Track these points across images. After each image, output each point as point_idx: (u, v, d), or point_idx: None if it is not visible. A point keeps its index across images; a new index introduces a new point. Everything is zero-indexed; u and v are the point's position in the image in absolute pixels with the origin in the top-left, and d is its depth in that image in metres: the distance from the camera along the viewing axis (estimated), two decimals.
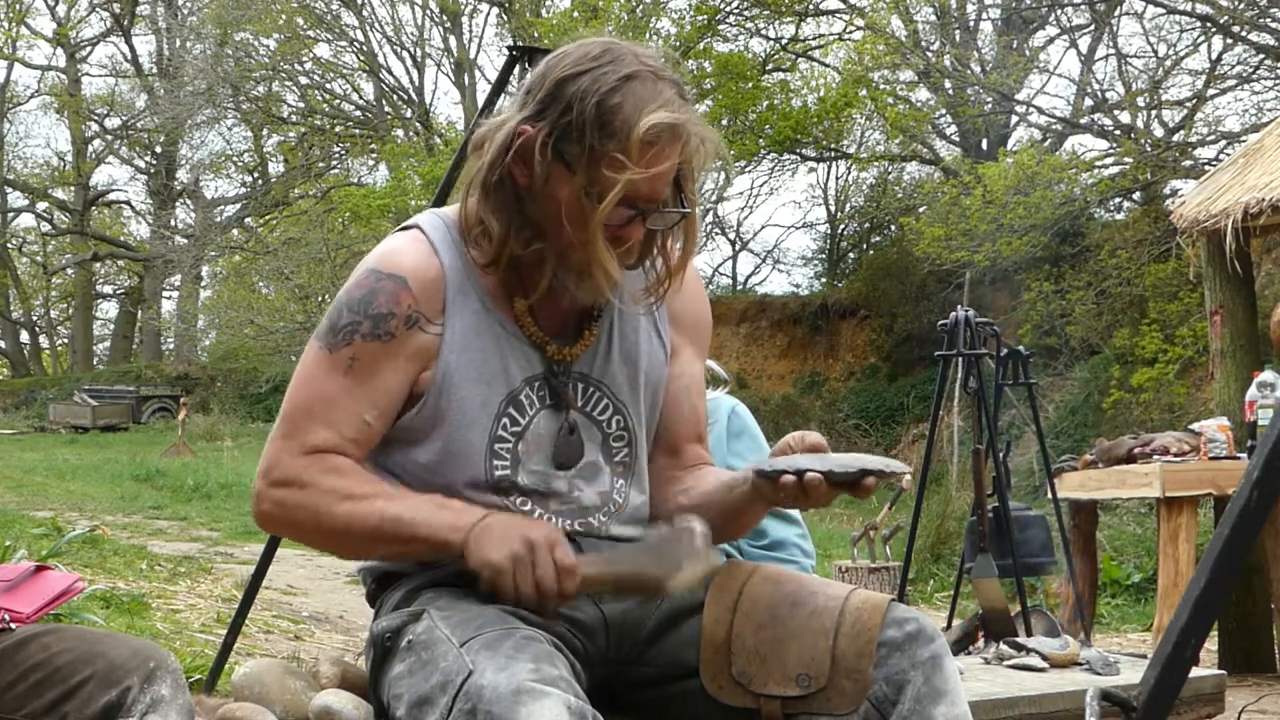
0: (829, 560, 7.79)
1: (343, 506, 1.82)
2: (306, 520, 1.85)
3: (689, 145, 1.84)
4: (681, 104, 1.83)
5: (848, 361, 21.58)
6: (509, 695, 1.58)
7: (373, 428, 1.87)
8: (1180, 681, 1.52)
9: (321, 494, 1.83)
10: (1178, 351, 13.54)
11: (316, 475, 1.83)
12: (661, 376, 2.03)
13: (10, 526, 8.35)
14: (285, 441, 1.86)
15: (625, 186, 1.79)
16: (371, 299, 1.86)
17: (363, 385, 1.85)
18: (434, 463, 1.89)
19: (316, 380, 1.87)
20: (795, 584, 1.89)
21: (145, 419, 25.92)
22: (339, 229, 24.54)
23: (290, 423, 1.87)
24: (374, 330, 1.85)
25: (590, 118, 1.79)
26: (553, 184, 1.82)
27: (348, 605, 7.09)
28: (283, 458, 1.85)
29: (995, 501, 4.51)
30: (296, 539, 1.94)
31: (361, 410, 1.86)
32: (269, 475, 1.86)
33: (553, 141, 1.81)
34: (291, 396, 1.88)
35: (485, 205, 1.86)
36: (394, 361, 1.86)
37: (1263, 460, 1.49)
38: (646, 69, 1.82)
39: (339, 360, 1.86)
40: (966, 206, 15.81)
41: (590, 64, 1.82)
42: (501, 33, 26.60)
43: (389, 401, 1.87)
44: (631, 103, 1.79)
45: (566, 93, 1.81)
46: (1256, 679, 5.51)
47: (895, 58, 18.68)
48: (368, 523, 1.82)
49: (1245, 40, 15.99)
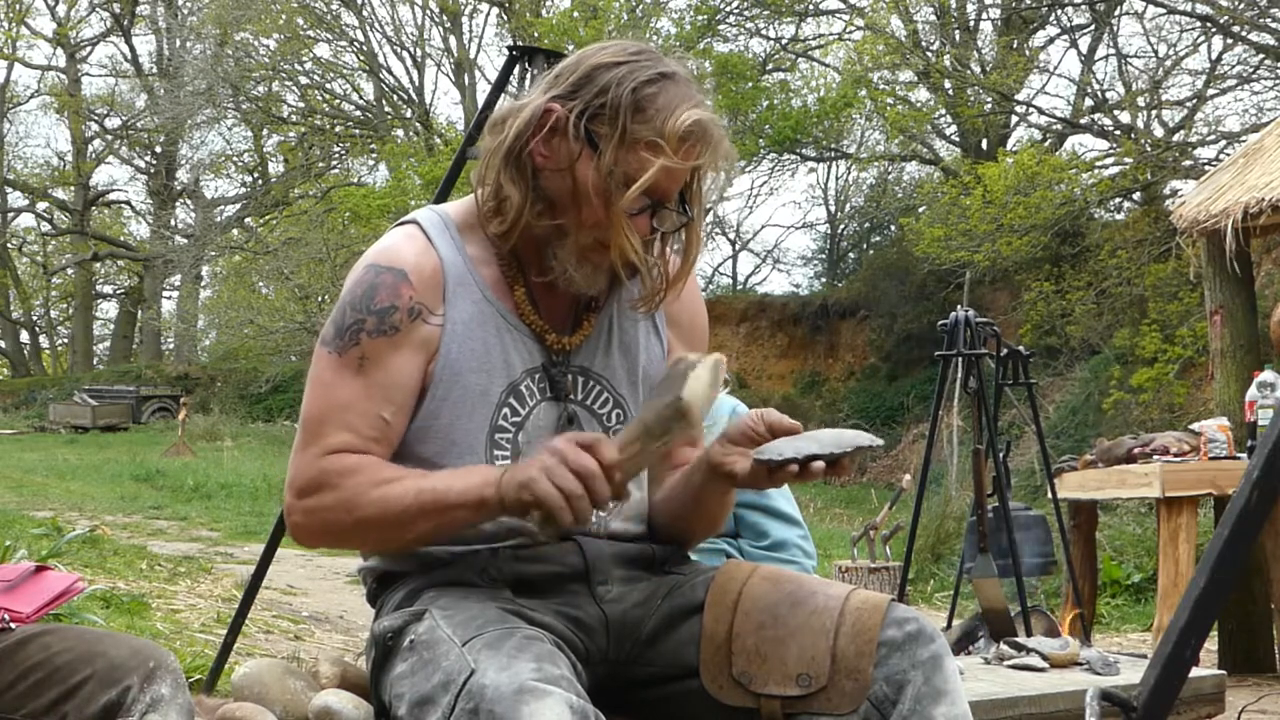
0: (829, 560, 7.79)
1: (374, 493, 1.81)
2: (340, 519, 1.83)
3: (715, 151, 1.86)
4: (713, 112, 1.86)
5: (848, 361, 21.60)
6: (511, 694, 1.58)
7: (391, 424, 1.86)
8: (1180, 681, 1.52)
9: (350, 489, 1.82)
10: (1178, 351, 13.54)
11: (339, 475, 1.82)
12: (660, 373, 2.03)
13: (10, 526, 8.35)
14: (305, 451, 1.85)
15: (658, 173, 1.81)
16: (373, 295, 1.87)
17: (376, 383, 1.85)
18: (437, 453, 1.89)
19: (329, 386, 1.86)
20: (795, 584, 1.89)
21: (145, 419, 25.93)
22: (339, 229, 24.51)
23: (308, 432, 1.86)
24: (379, 326, 1.86)
25: (625, 101, 1.81)
26: (576, 163, 1.84)
27: (348, 605, 7.09)
28: (303, 467, 1.85)
29: (995, 501, 4.51)
30: (334, 543, 1.91)
31: (378, 408, 1.85)
32: (294, 486, 1.85)
33: (584, 121, 1.83)
34: (307, 407, 1.88)
35: (505, 174, 1.87)
36: (402, 354, 1.86)
37: (1263, 460, 1.49)
38: (680, 75, 1.87)
39: (349, 361, 1.86)
40: (966, 206, 15.81)
41: (628, 57, 1.85)
42: (501, 33, 26.64)
43: (404, 395, 1.87)
44: (667, 96, 1.83)
45: (602, 78, 1.83)
46: (1256, 679, 5.51)
47: (895, 58, 18.68)
48: (403, 501, 1.80)
49: (1245, 40, 15.99)
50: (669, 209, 1.88)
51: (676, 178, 1.86)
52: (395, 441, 1.88)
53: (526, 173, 1.86)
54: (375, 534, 1.87)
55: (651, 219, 1.88)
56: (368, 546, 1.96)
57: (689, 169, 1.86)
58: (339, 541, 1.91)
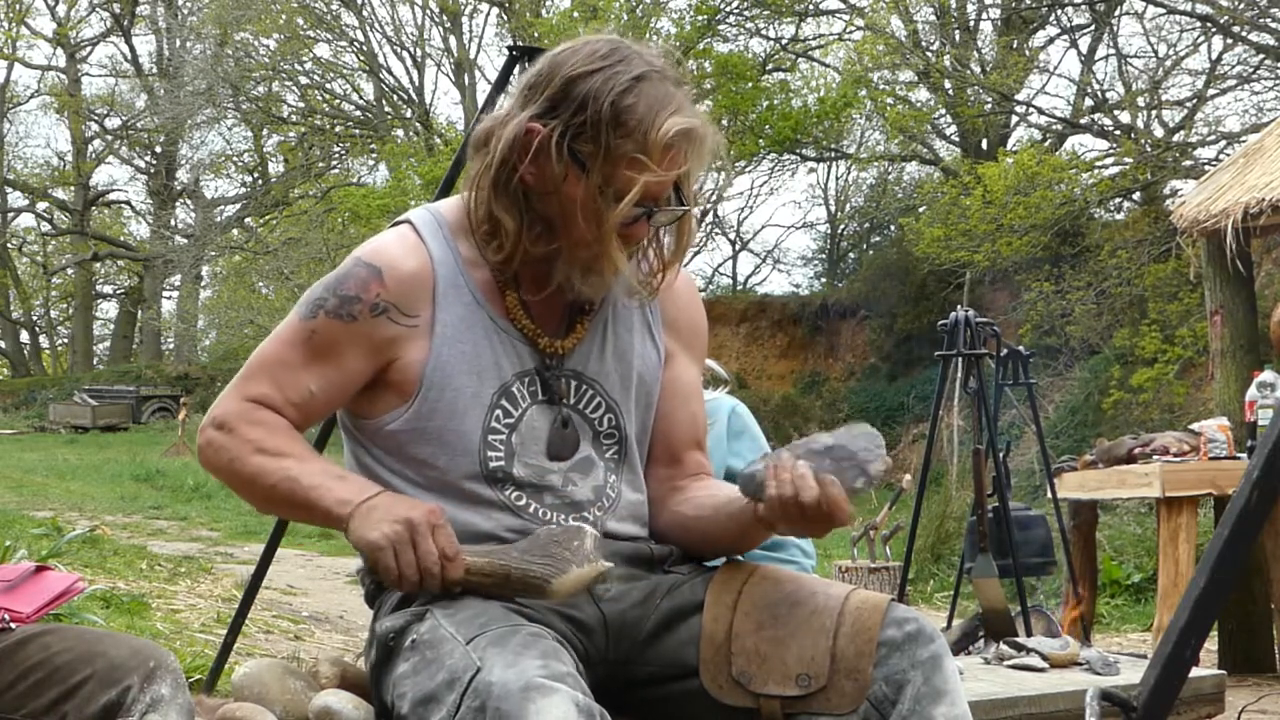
0: (829, 560, 7.79)
1: (255, 459, 1.87)
2: (225, 465, 1.90)
3: (701, 150, 1.86)
4: (692, 107, 1.86)
5: (848, 361, 21.58)
6: (518, 691, 1.58)
7: (316, 399, 1.91)
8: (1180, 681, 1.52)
9: (241, 442, 1.88)
10: (1177, 352, 13.53)
11: (243, 423, 1.89)
12: (655, 378, 2.04)
13: (10, 526, 8.35)
14: (234, 388, 1.93)
15: (644, 187, 1.81)
16: (343, 281, 1.91)
17: (316, 358, 1.90)
18: (430, 456, 1.90)
19: (281, 341, 1.93)
20: (795, 584, 1.89)
21: (145, 419, 25.93)
22: (339, 229, 24.50)
23: (244, 373, 1.94)
24: (338, 309, 1.90)
25: (606, 117, 1.81)
26: (565, 183, 1.84)
27: (348, 605, 7.09)
28: (225, 401, 1.92)
29: (995, 501, 4.51)
30: (220, 480, 1.98)
31: (309, 381, 1.90)
32: (212, 414, 1.93)
33: (566, 141, 1.83)
34: (258, 348, 1.95)
35: (497, 203, 1.88)
36: (352, 344, 1.90)
37: (1263, 460, 1.49)
38: (654, 70, 1.85)
39: (302, 330, 1.92)
40: (966, 207, 15.80)
41: (600, 63, 1.84)
42: (501, 33, 26.61)
43: (341, 379, 1.91)
44: (645, 104, 1.82)
45: (578, 92, 1.82)
46: (1256, 679, 5.51)
47: (895, 58, 18.67)
48: (269, 480, 1.86)
49: (1245, 40, 15.98)
50: (663, 209, 1.89)
51: (666, 182, 1.86)
52: (314, 416, 1.94)
53: (519, 198, 1.87)
54: (244, 495, 1.94)
55: (648, 221, 1.89)
56: (241, 497, 2.00)
57: (683, 172, 1.87)
58: (224, 480, 1.96)
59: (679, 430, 2.06)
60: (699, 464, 2.08)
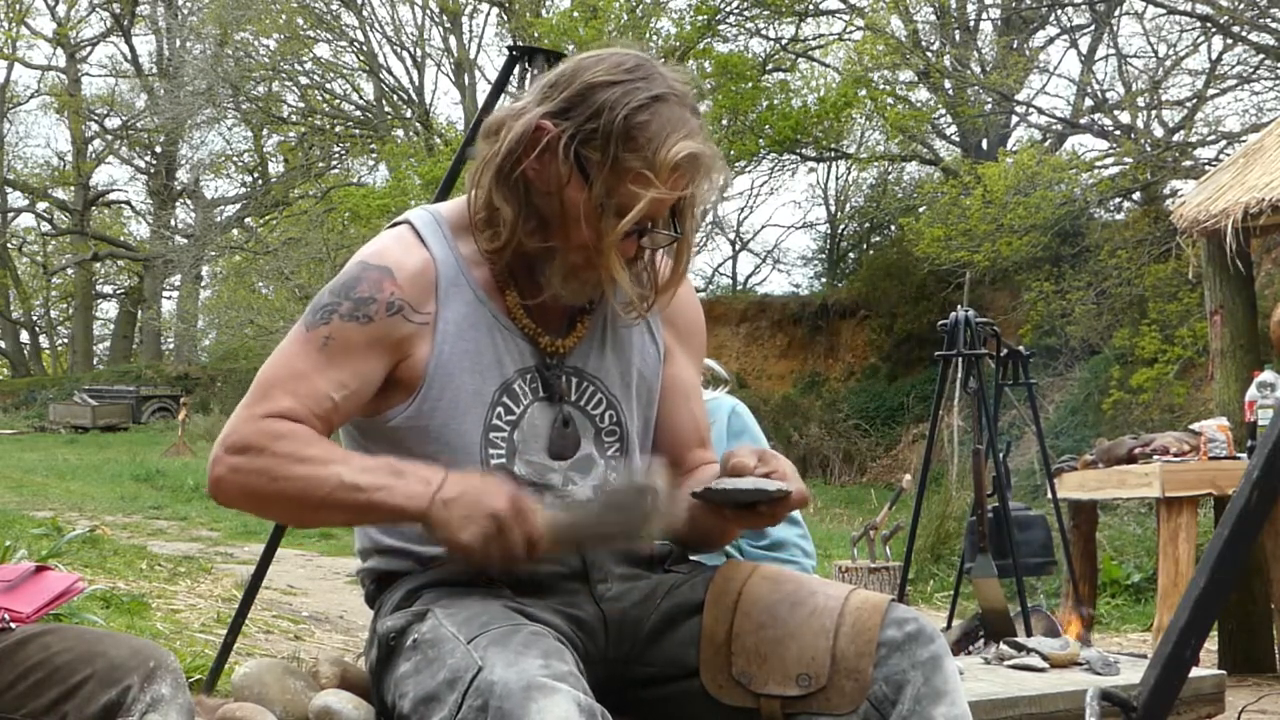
0: (829, 560, 7.79)
1: (299, 469, 1.78)
2: (261, 485, 1.79)
3: (706, 177, 1.86)
4: (704, 136, 1.85)
5: (848, 361, 21.57)
6: (520, 691, 1.58)
7: (338, 407, 1.85)
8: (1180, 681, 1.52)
9: (277, 458, 1.79)
10: (1177, 352, 13.53)
11: (273, 440, 1.80)
12: (655, 375, 2.04)
13: (10, 526, 8.35)
14: (247, 409, 1.84)
15: (648, 205, 1.81)
16: (355, 284, 1.88)
17: (334, 364, 1.85)
18: (434, 452, 1.89)
19: (289, 355, 1.86)
20: (795, 584, 1.89)
21: (145, 419, 25.93)
22: (339, 229, 24.49)
23: (256, 393, 1.85)
24: (353, 312, 1.86)
25: (617, 129, 1.80)
26: (568, 186, 1.84)
27: (348, 605, 7.09)
28: (240, 424, 1.82)
29: (995, 501, 4.51)
30: (249, 507, 1.88)
31: (329, 388, 1.84)
32: (226, 440, 1.82)
33: (575, 145, 1.82)
34: (262, 370, 1.88)
35: (497, 192, 1.87)
36: (370, 345, 1.86)
37: (1263, 460, 1.49)
38: (674, 93, 1.84)
39: (314, 338, 1.86)
40: (966, 207, 15.80)
41: (623, 75, 1.83)
42: (501, 33, 26.62)
43: (360, 384, 1.86)
44: (658, 123, 1.81)
45: (595, 99, 1.82)
46: (1256, 679, 5.51)
47: (895, 58, 18.66)
48: (323, 489, 1.78)
49: (1245, 40, 15.98)
50: (659, 231, 1.89)
51: (666, 204, 1.86)
52: (337, 424, 1.89)
53: (519, 190, 1.87)
54: (290, 511, 1.88)
55: (640, 240, 1.89)
56: (280, 519, 1.95)
57: (686, 196, 1.87)
58: (255, 506, 1.87)
59: (681, 431, 2.07)
60: (702, 460, 2.08)
